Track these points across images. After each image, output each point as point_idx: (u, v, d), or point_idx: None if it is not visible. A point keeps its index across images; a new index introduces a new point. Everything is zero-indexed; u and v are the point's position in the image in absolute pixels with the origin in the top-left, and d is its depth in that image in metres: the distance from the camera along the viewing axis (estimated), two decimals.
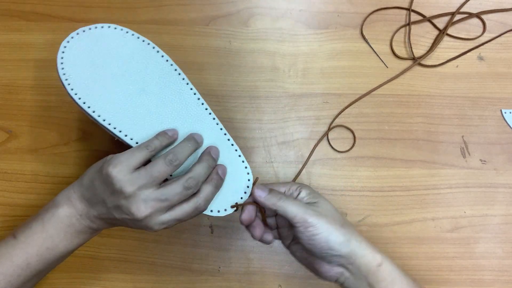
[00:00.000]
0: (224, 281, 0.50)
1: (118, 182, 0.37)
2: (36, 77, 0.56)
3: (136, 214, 0.37)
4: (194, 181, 0.39)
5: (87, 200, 0.39)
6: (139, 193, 0.37)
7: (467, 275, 0.50)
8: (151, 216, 0.37)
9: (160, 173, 0.38)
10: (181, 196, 0.38)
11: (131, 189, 0.37)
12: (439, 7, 0.59)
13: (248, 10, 0.59)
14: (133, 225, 0.39)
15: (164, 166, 0.38)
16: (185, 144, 0.41)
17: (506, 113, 0.55)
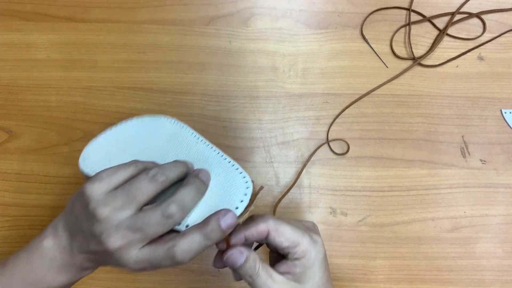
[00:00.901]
0: (224, 281, 0.50)
1: (92, 201, 0.31)
2: (36, 77, 0.56)
3: (106, 244, 0.31)
4: (177, 207, 0.31)
5: (69, 229, 0.34)
6: (112, 217, 0.31)
7: (467, 275, 0.50)
8: (123, 249, 0.31)
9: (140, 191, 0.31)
10: (159, 227, 0.31)
11: (104, 212, 0.31)
12: (439, 7, 0.59)
13: (248, 10, 0.59)
14: (109, 260, 0.32)
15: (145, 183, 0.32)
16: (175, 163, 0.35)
17: (506, 113, 0.55)
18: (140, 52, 0.57)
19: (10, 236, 0.51)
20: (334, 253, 0.51)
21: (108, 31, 0.57)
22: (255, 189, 0.36)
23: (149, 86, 0.56)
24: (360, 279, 0.50)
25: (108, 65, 0.56)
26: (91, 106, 0.55)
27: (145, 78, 0.56)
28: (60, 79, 0.56)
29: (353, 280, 0.50)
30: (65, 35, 0.57)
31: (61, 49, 0.57)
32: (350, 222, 0.52)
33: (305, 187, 0.53)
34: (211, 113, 0.55)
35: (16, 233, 0.51)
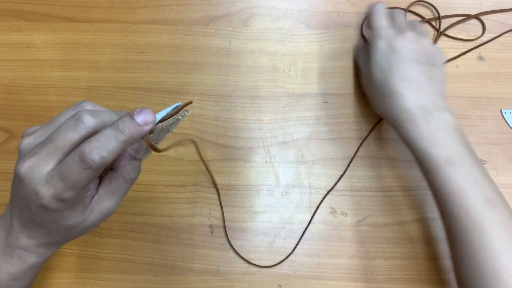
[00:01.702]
0: (224, 281, 0.50)
1: (22, 134, 0.30)
2: (36, 77, 0.56)
3: (18, 166, 0.28)
4: (90, 114, 0.29)
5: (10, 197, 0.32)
6: (32, 139, 0.29)
7: None
8: (32, 171, 0.28)
9: (62, 116, 0.30)
10: (70, 135, 0.28)
11: (24, 139, 0.30)
12: (439, 7, 0.59)
13: (248, 10, 0.59)
14: (23, 195, 0.29)
15: (72, 110, 0.30)
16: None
17: (506, 113, 0.55)
18: (140, 52, 0.57)
19: None
20: (334, 253, 0.51)
21: (108, 31, 0.57)
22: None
23: (149, 86, 0.56)
24: (360, 279, 0.50)
25: (108, 65, 0.56)
26: None
27: (145, 78, 0.56)
28: (60, 79, 0.56)
29: (353, 280, 0.50)
30: (65, 35, 0.57)
31: (61, 49, 0.57)
32: (350, 222, 0.52)
33: (305, 187, 0.53)
34: (211, 113, 0.55)
35: None
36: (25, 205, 0.30)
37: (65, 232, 0.32)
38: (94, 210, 0.32)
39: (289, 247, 0.51)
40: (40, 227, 0.31)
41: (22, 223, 0.31)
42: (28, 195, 0.28)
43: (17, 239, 0.31)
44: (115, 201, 0.33)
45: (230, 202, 0.52)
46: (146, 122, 0.30)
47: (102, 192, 0.32)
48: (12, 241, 0.31)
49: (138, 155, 0.32)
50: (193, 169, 0.53)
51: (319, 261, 0.51)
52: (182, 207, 0.52)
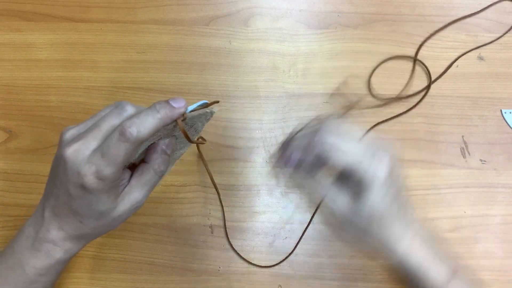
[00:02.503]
0: (224, 281, 0.50)
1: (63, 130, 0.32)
2: (36, 77, 0.56)
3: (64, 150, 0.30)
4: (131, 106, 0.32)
5: (44, 191, 0.34)
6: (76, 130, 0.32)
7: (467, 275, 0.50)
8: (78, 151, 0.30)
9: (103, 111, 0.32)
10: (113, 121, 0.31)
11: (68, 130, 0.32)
12: (439, 7, 0.59)
13: (248, 10, 0.59)
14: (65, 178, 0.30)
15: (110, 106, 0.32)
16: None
17: (506, 113, 0.55)
18: (140, 52, 0.57)
19: (10, 236, 0.51)
20: (334, 253, 0.51)
21: (108, 31, 0.57)
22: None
23: (149, 86, 0.56)
24: (360, 279, 0.50)
25: (108, 65, 0.56)
26: (91, 106, 0.55)
27: (145, 78, 0.56)
28: (60, 79, 0.56)
29: (353, 280, 0.50)
30: (65, 35, 0.57)
31: (61, 49, 0.57)
32: None
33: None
34: None
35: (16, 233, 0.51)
36: (64, 190, 0.31)
37: (96, 221, 0.33)
38: (125, 199, 0.33)
39: (289, 247, 0.51)
40: (74, 214, 0.32)
41: (55, 212, 0.32)
42: (70, 176, 0.30)
43: (47, 231, 0.33)
44: (144, 192, 0.34)
45: (230, 202, 0.52)
46: (179, 105, 0.32)
47: (134, 182, 0.34)
48: (42, 234, 0.33)
49: (168, 150, 0.35)
50: (193, 169, 0.53)
51: (319, 261, 0.50)
52: (182, 207, 0.52)
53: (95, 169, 0.30)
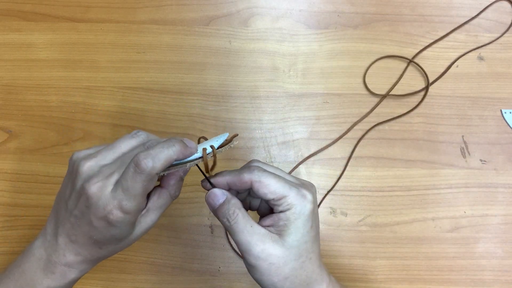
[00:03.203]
0: (224, 281, 0.50)
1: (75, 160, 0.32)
2: (36, 77, 0.56)
3: (86, 186, 0.30)
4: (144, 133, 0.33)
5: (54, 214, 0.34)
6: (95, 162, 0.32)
7: (467, 275, 0.50)
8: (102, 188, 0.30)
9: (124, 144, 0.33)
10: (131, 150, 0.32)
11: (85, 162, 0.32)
12: (439, 7, 0.59)
13: (248, 10, 0.59)
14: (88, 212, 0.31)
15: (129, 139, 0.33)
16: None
17: (506, 113, 0.55)
18: (140, 52, 0.57)
19: (10, 236, 0.51)
20: (334, 253, 0.51)
21: (108, 31, 0.57)
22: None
23: (149, 86, 0.56)
24: (360, 279, 0.50)
25: (108, 65, 0.56)
26: (91, 106, 0.55)
27: (145, 78, 0.56)
28: (60, 79, 0.56)
29: (353, 280, 0.50)
30: (65, 35, 0.57)
31: (61, 49, 0.57)
32: (350, 222, 0.52)
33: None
34: (211, 113, 0.55)
35: (16, 233, 0.51)
36: (86, 222, 0.32)
37: (114, 246, 0.34)
38: (142, 222, 0.34)
39: None
40: (94, 242, 0.33)
41: (72, 240, 0.33)
42: (94, 211, 0.31)
43: (63, 256, 0.33)
44: (158, 215, 0.35)
45: None
46: (192, 146, 0.33)
47: (151, 206, 0.34)
48: (57, 258, 0.33)
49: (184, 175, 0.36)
50: (193, 169, 0.53)
51: None
52: (182, 207, 0.52)
53: (119, 204, 0.30)
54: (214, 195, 0.33)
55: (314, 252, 0.34)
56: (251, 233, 0.32)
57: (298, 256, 0.33)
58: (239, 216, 0.32)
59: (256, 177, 0.32)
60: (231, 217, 0.32)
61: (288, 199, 0.32)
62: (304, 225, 0.33)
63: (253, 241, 0.32)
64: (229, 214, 0.32)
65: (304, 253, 0.33)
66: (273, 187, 0.32)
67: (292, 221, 0.32)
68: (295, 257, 0.33)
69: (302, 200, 0.33)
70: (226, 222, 0.33)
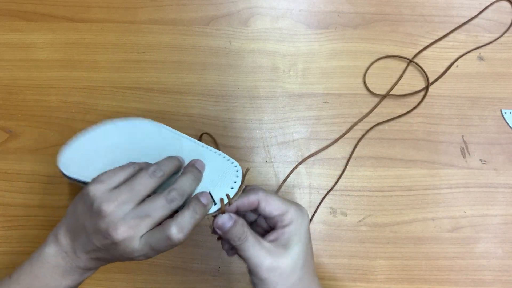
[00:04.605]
0: (224, 281, 0.50)
1: (96, 199, 0.34)
2: (36, 77, 0.56)
3: (114, 236, 0.33)
4: (177, 192, 0.35)
5: (71, 232, 0.36)
6: (118, 211, 0.33)
7: (467, 275, 0.50)
8: (130, 238, 0.33)
9: (142, 185, 0.35)
10: (164, 211, 0.34)
11: (109, 207, 0.33)
12: (439, 7, 0.59)
13: (248, 10, 0.59)
14: (115, 252, 0.34)
15: (146, 178, 0.35)
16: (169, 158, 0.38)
17: (506, 113, 0.55)
18: (140, 52, 0.57)
19: (10, 236, 0.51)
20: (334, 253, 0.51)
21: (108, 31, 0.57)
22: (243, 171, 0.40)
23: (149, 86, 0.56)
24: (360, 279, 0.50)
25: (108, 65, 0.56)
26: (91, 106, 0.55)
27: (145, 78, 0.56)
28: (60, 79, 0.56)
29: (353, 280, 0.50)
30: (65, 35, 0.57)
31: (61, 49, 0.57)
32: (350, 222, 0.52)
33: (305, 187, 0.53)
34: (211, 113, 0.55)
35: (16, 233, 0.51)
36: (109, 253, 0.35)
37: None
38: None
39: None
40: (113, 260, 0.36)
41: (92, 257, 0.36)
42: (119, 252, 0.34)
43: (82, 263, 0.36)
44: None
45: None
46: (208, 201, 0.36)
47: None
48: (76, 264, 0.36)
49: None
50: None
51: (319, 261, 0.51)
52: None
53: (144, 254, 0.34)
54: (223, 220, 0.35)
55: (312, 263, 0.38)
56: (260, 248, 0.35)
57: (302, 266, 0.36)
58: (248, 233, 0.35)
59: (262, 197, 0.36)
60: (242, 236, 0.35)
61: (289, 214, 0.36)
62: (305, 236, 0.37)
63: (262, 255, 0.34)
64: (240, 233, 0.35)
65: (306, 263, 0.36)
66: (276, 204, 0.36)
67: (294, 233, 0.36)
68: (300, 266, 0.36)
69: (302, 215, 0.37)
70: (237, 241, 0.35)
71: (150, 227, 0.34)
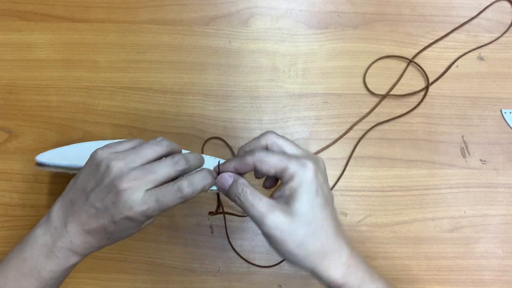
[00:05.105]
0: (224, 281, 0.50)
1: (104, 159, 0.35)
2: (36, 77, 0.56)
3: (118, 184, 0.33)
4: (184, 158, 0.36)
5: (66, 204, 0.36)
6: (125, 166, 0.34)
7: (467, 275, 0.50)
8: (133, 189, 0.33)
9: (149, 150, 0.36)
10: (168, 169, 0.35)
11: (117, 164, 0.34)
12: (439, 7, 0.59)
13: (248, 10, 0.59)
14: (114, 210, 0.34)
15: (153, 145, 0.36)
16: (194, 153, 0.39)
17: (506, 113, 0.55)
18: (140, 52, 0.57)
19: (10, 236, 0.51)
20: None
21: (108, 31, 0.57)
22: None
23: (149, 86, 0.56)
24: None
25: (108, 65, 0.56)
26: (91, 106, 0.55)
27: (145, 78, 0.56)
28: (60, 79, 0.56)
29: None
30: (65, 35, 0.57)
31: (61, 49, 0.57)
32: (350, 222, 0.52)
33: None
34: (211, 113, 0.55)
35: (16, 233, 0.51)
36: (107, 216, 0.34)
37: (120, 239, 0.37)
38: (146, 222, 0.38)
39: None
40: (105, 233, 0.35)
41: (85, 229, 0.35)
42: (120, 208, 0.34)
43: (70, 242, 0.35)
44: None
45: (230, 202, 0.52)
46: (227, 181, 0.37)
47: None
48: (63, 244, 0.35)
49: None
50: None
51: None
52: (182, 207, 0.52)
53: (146, 209, 0.34)
54: (224, 178, 0.36)
55: (326, 220, 0.35)
56: (261, 205, 0.34)
57: (308, 223, 0.34)
58: (247, 192, 0.35)
59: (256, 158, 0.35)
60: (240, 194, 0.35)
61: (289, 170, 0.34)
62: (307, 191, 0.34)
63: (264, 212, 0.34)
64: (238, 192, 0.35)
65: (314, 220, 0.34)
66: (273, 163, 0.35)
67: (295, 188, 0.34)
68: (304, 223, 0.34)
69: (303, 169, 0.34)
70: (237, 200, 0.35)
71: (154, 183, 0.35)
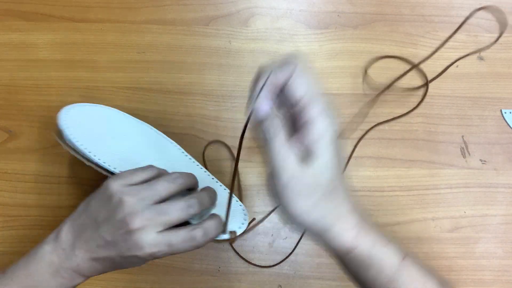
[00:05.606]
0: (224, 281, 0.50)
1: (117, 192, 0.35)
2: (36, 77, 0.56)
3: (130, 223, 0.34)
4: (197, 201, 0.37)
5: (77, 228, 0.36)
6: (138, 204, 0.34)
7: (467, 275, 0.50)
8: (145, 230, 0.34)
9: (163, 187, 0.36)
10: (181, 214, 0.35)
11: (131, 199, 0.34)
12: (439, 7, 0.59)
13: (248, 10, 0.59)
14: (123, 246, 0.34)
15: (167, 181, 0.37)
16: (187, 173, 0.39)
17: (506, 113, 0.55)
18: (140, 52, 0.57)
19: (10, 236, 0.51)
20: None
21: (108, 31, 0.57)
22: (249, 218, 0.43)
23: (149, 86, 0.56)
24: None
25: (108, 65, 0.56)
26: None
27: (145, 78, 0.56)
28: (60, 79, 0.56)
29: None
30: (65, 35, 0.57)
31: (61, 49, 0.57)
32: None
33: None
34: (211, 113, 0.55)
35: (16, 233, 0.51)
36: (116, 249, 0.35)
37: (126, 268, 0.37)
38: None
39: (289, 247, 0.51)
40: (112, 263, 0.36)
41: (93, 257, 0.35)
42: (129, 245, 0.34)
43: (76, 265, 0.35)
44: None
45: None
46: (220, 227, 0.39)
47: None
48: (70, 265, 0.35)
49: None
50: None
51: (319, 261, 0.50)
52: None
53: (156, 251, 0.34)
54: (263, 105, 0.30)
55: (341, 181, 0.32)
56: (287, 149, 0.30)
57: (327, 183, 0.31)
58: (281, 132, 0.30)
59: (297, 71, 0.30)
60: (275, 130, 0.30)
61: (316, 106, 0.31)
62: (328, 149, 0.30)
63: (287, 158, 0.30)
64: (273, 127, 0.30)
65: (332, 181, 0.31)
66: (305, 84, 0.30)
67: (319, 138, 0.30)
68: (323, 183, 0.31)
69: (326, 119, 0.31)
70: (268, 134, 0.30)
71: (166, 226, 0.35)
